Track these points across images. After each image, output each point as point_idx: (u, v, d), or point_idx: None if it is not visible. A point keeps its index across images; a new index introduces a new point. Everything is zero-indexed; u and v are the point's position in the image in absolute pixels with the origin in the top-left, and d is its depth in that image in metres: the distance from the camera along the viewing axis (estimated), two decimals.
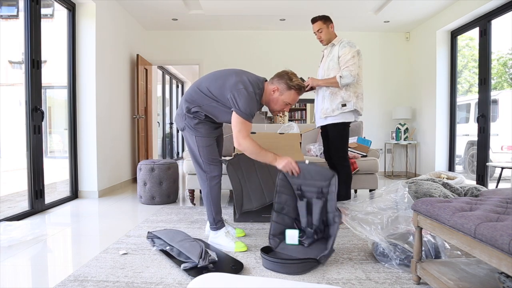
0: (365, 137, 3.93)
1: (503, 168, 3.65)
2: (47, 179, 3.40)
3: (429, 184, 2.83)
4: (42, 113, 3.20)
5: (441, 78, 5.12)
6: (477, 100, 4.38)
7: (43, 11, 3.31)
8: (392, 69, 6.00)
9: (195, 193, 3.58)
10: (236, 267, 1.88)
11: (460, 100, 5.39)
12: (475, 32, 4.57)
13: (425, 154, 5.53)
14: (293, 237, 2.09)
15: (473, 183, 4.11)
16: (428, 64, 5.34)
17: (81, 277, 1.77)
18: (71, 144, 3.90)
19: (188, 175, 3.46)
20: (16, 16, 3.92)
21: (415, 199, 2.64)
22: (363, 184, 3.53)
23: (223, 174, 2.34)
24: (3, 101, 4.25)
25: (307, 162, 2.12)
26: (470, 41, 5.37)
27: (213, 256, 1.88)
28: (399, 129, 5.71)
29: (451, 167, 5.11)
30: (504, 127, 4.84)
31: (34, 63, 3.13)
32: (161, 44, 5.99)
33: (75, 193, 3.92)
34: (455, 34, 5.00)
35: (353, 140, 3.73)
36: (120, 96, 4.70)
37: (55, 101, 4.86)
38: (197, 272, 1.74)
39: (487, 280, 1.44)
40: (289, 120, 7.03)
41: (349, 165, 2.88)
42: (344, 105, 2.78)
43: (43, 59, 3.27)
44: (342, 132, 2.85)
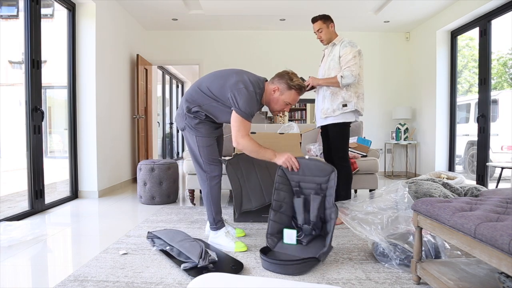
0: (365, 137, 3.93)
1: (503, 168, 3.65)
2: (47, 179, 3.40)
3: (429, 184, 2.83)
4: (42, 113, 3.20)
5: (441, 78, 5.12)
6: (477, 100, 4.38)
7: (43, 11, 3.31)
8: (392, 69, 6.00)
9: (195, 193, 3.58)
10: (236, 267, 1.88)
11: (460, 100, 5.39)
12: (475, 32, 4.57)
13: (425, 154, 5.53)
14: (291, 236, 2.09)
15: (473, 183, 4.11)
16: (428, 64, 5.34)
17: (81, 277, 1.77)
18: (71, 144, 3.90)
19: (188, 175, 3.46)
20: (16, 16, 3.91)
21: (415, 199, 2.64)
22: (363, 184, 3.53)
23: (223, 174, 2.34)
24: (3, 101, 4.25)
25: (307, 157, 2.13)
26: (470, 41, 5.37)
27: (213, 256, 1.88)
28: (399, 129, 5.71)
29: (451, 167, 5.11)
30: (504, 127, 4.84)
31: (34, 63, 3.13)
32: (161, 44, 5.99)
33: (75, 193, 3.92)
34: (455, 34, 5.00)
35: (353, 140, 3.73)
36: (120, 96, 4.70)
37: (55, 101, 4.86)
38: (197, 272, 1.75)
39: (487, 280, 1.44)
40: (289, 120, 7.03)
41: (349, 165, 2.87)
42: (345, 105, 2.77)
43: (43, 59, 3.27)
44: (342, 132, 2.84)
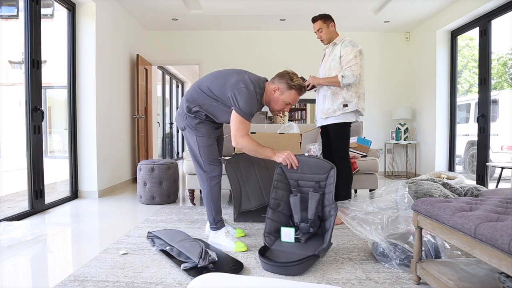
0: (365, 137, 3.93)
1: (503, 168, 3.65)
2: (47, 179, 3.40)
3: (429, 184, 2.83)
4: (42, 113, 3.20)
5: (441, 78, 5.12)
6: (477, 100, 4.38)
7: (43, 11, 3.31)
8: (392, 69, 6.00)
9: (195, 193, 3.58)
10: (236, 267, 1.88)
11: (460, 100, 5.39)
12: (475, 32, 4.57)
13: (425, 154, 5.53)
14: (289, 234, 2.09)
15: (473, 183, 4.11)
16: (428, 64, 5.34)
17: (81, 277, 1.77)
18: (71, 144, 3.90)
19: (188, 175, 3.46)
20: (16, 16, 3.91)
21: (415, 199, 2.64)
22: (363, 184, 3.53)
23: (222, 174, 2.34)
24: (3, 101, 4.25)
25: (306, 154, 2.14)
26: (470, 41, 5.37)
27: (213, 256, 1.88)
28: (399, 129, 5.71)
29: (451, 167, 5.11)
30: (504, 127, 4.84)
31: (34, 63, 3.13)
32: (161, 44, 5.99)
33: (75, 193, 3.92)
34: (455, 34, 5.00)
35: (353, 140, 3.73)
36: (120, 96, 4.70)
37: (55, 101, 4.86)
38: (197, 272, 1.75)
39: (487, 280, 1.44)
40: (289, 120, 7.03)
41: (349, 166, 2.86)
42: (345, 105, 2.75)
43: (43, 59, 3.27)
44: (343, 132, 2.82)
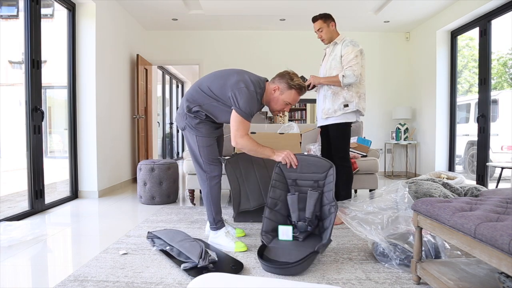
0: (365, 137, 3.93)
1: (503, 168, 3.65)
2: (47, 179, 3.40)
3: (429, 184, 2.83)
4: (42, 113, 3.20)
5: (441, 78, 5.12)
6: (477, 100, 4.38)
7: (43, 11, 3.31)
8: (392, 69, 6.00)
9: (195, 193, 3.58)
10: (236, 267, 1.88)
11: (460, 100, 5.39)
12: (475, 32, 4.57)
13: (425, 154, 5.53)
14: (286, 233, 2.09)
15: (473, 183, 4.11)
16: (428, 64, 5.34)
17: (81, 277, 1.77)
18: (71, 144, 3.90)
19: (188, 175, 3.46)
20: (16, 16, 3.91)
21: (415, 199, 2.64)
22: (363, 184, 3.53)
23: (222, 174, 2.34)
24: (3, 101, 4.25)
25: (305, 153, 2.15)
26: (470, 41, 5.37)
27: (213, 256, 1.88)
28: (399, 129, 5.71)
29: (451, 167, 5.11)
30: (504, 127, 4.84)
31: (34, 63, 3.13)
32: (161, 44, 5.99)
33: (75, 193, 3.92)
34: (455, 34, 5.00)
35: (353, 140, 3.72)
36: (120, 96, 4.70)
37: (55, 101, 4.86)
38: (197, 272, 1.75)
39: (487, 280, 1.44)
40: (289, 120, 7.03)
41: (350, 166, 2.85)
42: (346, 105, 2.74)
43: (43, 59, 3.27)
44: (343, 132, 2.81)
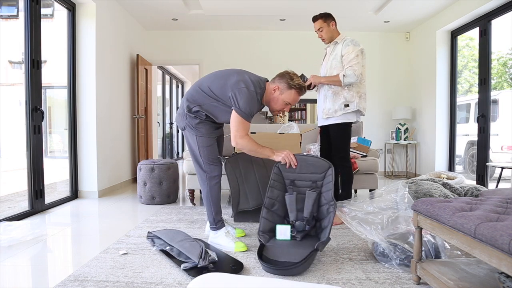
0: (365, 137, 3.93)
1: (503, 168, 3.65)
2: (47, 179, 3.40)
3: (429, 184, 2.83)
4: (42, 113, 3.20)
5: (441, 78, 5.12)
6: (477, 100, 4.38)
7: (43, 11, 3.31)
8: (392, 69, 6.00)
9: (195, 193, 3.58)
10: (236, 267, 1.88)
11: (460, 100, 5.39)
12: (475, 32, 4.57)
13: (425, 154, 5.53)
14: (284, 232, 2.09)
15: (473, 183, 4.11)
16: (428, 64, 5.34)
17: (81, 277, 1.77)
18: (71, 144, 3.90)
19: (188, 175, 3.46)
20: (16, 16, 3.91)
21: (415, 199, 2.64)
22: (363, 184, 3.53)
23: (222, 174, 2.34)
24: (3, 101, 4.25)
25: (305, 154, 2.16)
26: (470, 41, 5.37)
27: (213, 256, 1.88)
28: (399, 129, 5.71)
29: (451, 167, 5.11)
30: (504, 127, 4.84)
31: (34, 63, 3.13)
32: (161, 44, 5.99)
33: (75, 193, 3.92)
34: (455, 34, 4.99)
35: (353, 140, 3.72)
36: (120, 96, 4.70)
37: (55, 101, 4.86)
38: (197, 272, 1.75)
39: (487, 280, 1.44)
40: (289, 120, 7.03)
41: (350, 166, 2.85)
42: (347, 105, 2.74)
43: (43, 59, 3.27)
44: (344, 132, 2.81)
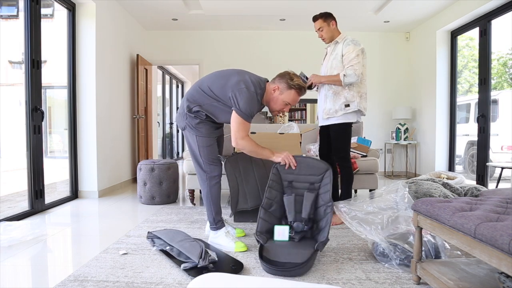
0: (365, 137, 3.93)
1: (503, 168, 3.65)
2: (47, 179, 3.40)
3: (429, 184, 2.82)
4: (42, 113, 3.20)
5: (441, 78, 5.12)
6: (477, 100, 4.38)
7: (43, 11, 3.31)
8: (392, 69, 6.00)
9: (195, 193, 3.58)
10: (236, 267, 1.88)
11: (460, 100, 5.39)
12: (475, 32, 4.57)
13: (425, 154, 5.53)
14: (283, 233, 2.09)
15: (473, 183, 4.11)
16: (428, 64, 5.34)
17: (81, 277, 1.77)
18: (71, 144, 3.90)
19: (188, 175, 3.46)
20: (16, 16, 3.91)
21: (415, 199, 2.64)
22: (363, 184, 3.53)
23: (222, 174, 2.34)
24: (3, 101, 4.25)
25: (304, 155, 2.17)
26: (470, 41, 5.37)
27: (213, 256, 1.88)
28: (399, 129, 5.71)
29: (451, 167, 5.11)
30: (504, 127, 4.84)
31: (34, 63, 3.13)
32: (161, 44, 5.99)
33: (75, 193, 3.92)
34: (455, 34, 4.99)
35: (353, 140, 3.72)
36: (120, 96, 4.70)
37: (55, 101, 4.86)
38: (197, 272, 1.75)
39: (487, 280, 1.44)
40: (289, 120, 7.03)
41: (350, 166, 2.85)
42: (347, 105, 2.73)
43: (43, 59, 3.27)
44: (344, 132, 2.80)
